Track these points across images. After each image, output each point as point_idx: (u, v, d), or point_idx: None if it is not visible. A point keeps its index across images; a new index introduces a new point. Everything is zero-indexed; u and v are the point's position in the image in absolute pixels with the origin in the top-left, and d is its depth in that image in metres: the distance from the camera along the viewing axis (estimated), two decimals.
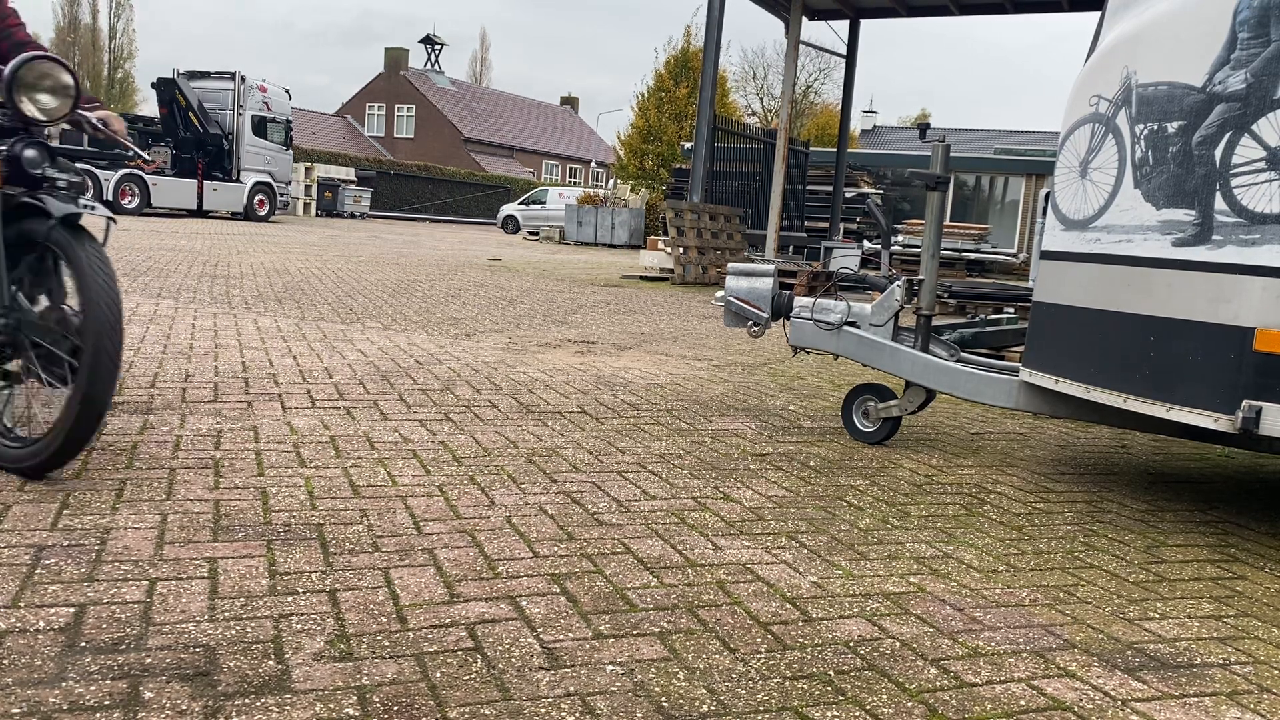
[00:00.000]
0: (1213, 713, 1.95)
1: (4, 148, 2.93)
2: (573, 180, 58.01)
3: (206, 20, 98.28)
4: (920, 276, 4.15)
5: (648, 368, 5.80)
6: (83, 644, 1.87)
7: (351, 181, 34.17)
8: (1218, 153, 3.03)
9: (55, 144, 3.09)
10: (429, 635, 2.02)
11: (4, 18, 3.28)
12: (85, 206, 2.87)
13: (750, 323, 4.35)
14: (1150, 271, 3.20)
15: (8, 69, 2.86)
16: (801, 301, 4.31)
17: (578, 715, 1.75)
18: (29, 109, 2.89)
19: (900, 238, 19.78)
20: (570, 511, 2.91)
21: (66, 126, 3.19)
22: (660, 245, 15.56)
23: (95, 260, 2.78)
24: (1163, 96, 3.21)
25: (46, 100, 2.92)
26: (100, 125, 3.10)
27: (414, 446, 3.51)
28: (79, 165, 3.03)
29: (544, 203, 34.10)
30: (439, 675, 1.85)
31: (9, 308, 2.90)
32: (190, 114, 23.23)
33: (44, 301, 2.98)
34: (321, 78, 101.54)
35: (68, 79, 2.95)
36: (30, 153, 2.89)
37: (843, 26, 17.03)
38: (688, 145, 20.04)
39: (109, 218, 2.94)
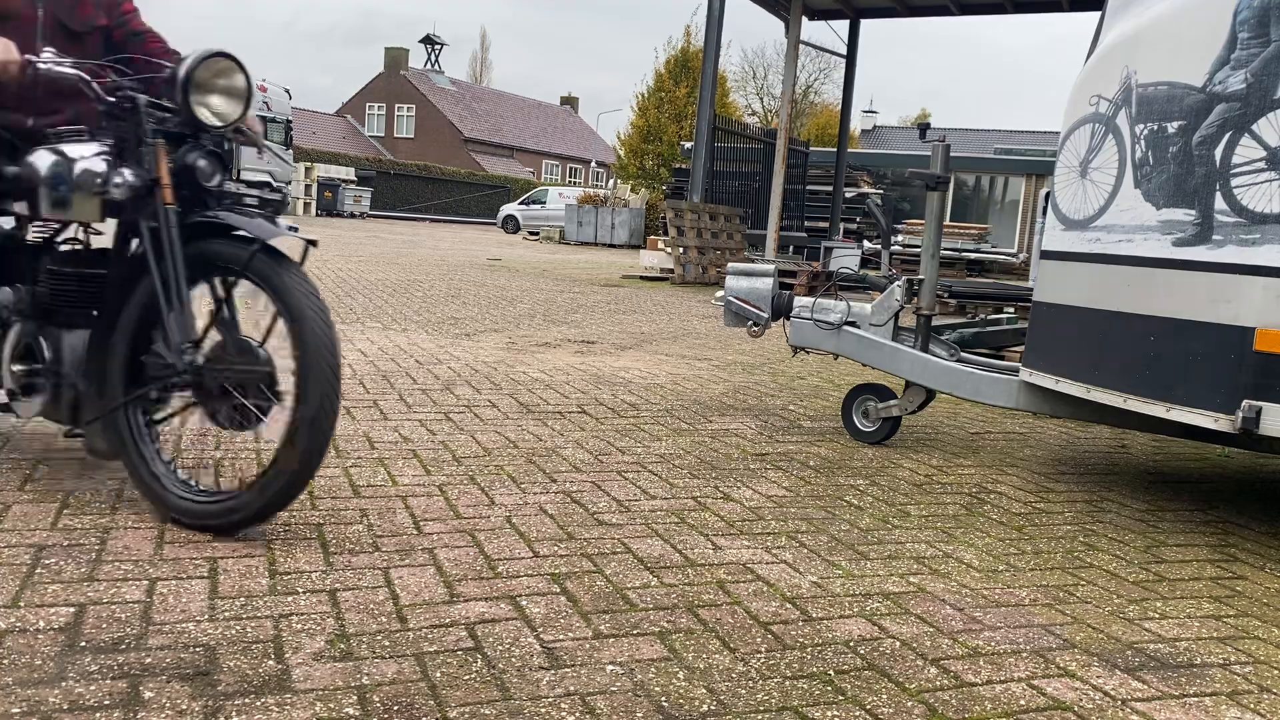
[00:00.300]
0: (1213, 713, 1.95)
1: (161, 155, 2.53)
2: (573, 180, 57.99)
3: (209, 21, 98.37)
4: (920, 276, 4.15)
5: (647, 368, 5.80)
6: (83, 644, 1.87)
7: (351, 181, 34.15)
8: (1218, 153, 3.03)
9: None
10: (429, 635, 2.02)
11: (118, 3, 2.97)
12: (289, 229, 2.49)
13: (750, 323, 4.35)
14: (1150, 271, 3.20)
15: (184, 67, 2.49)
16: (801, 301, 4.31)
17: (578, 715, 1.75)
18: (204, 114, 2.54)
19: (900, 237, 19.78)
20: (570, 511, 2.91)
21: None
22: (660, 245, 15.57)
23: (309, 297, 2.41)
24: (1163, 96, 3.21)
25: (218, 103, 2.58)
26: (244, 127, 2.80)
27: (414, 446, 3.51)
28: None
29: (544, 203, 34.09)
30: (439, 675, 1.85)
31: (196, 344, 2.51)
32: None
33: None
34: (325, 78, 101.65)
35: (243, 81, 2.60)
36: (204, 163, 2.54)
37: (843, 26, 17.02)
38: (688, 145, 20.04)
39: (309, 241, 2.51)
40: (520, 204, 35.40)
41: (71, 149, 2.61)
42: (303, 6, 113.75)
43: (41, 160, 2.61)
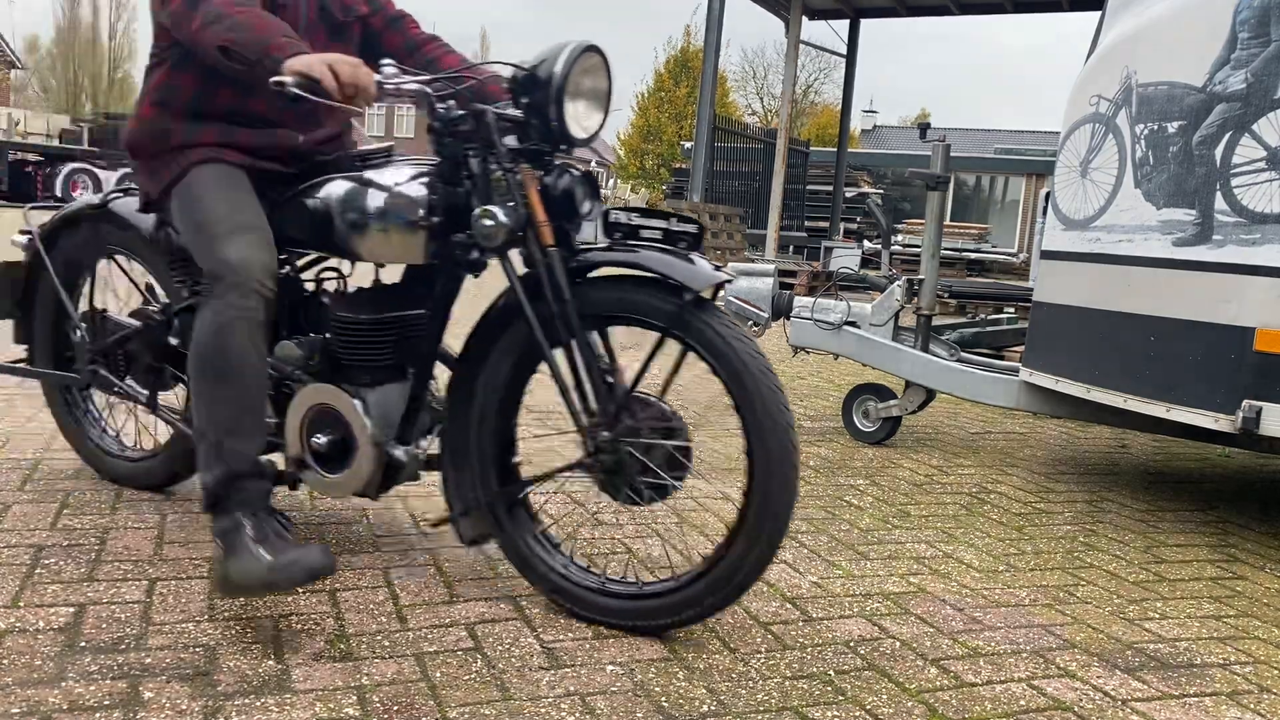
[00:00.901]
0: (1213, 713, 1.95)
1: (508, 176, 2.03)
2: None
3: None
4: (920, 276, 4.15)
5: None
6: (82, 644, 1.87)
7: None
8: (1218, 152, 3.03)
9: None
10: (429, 635, 2.02)
11: None
12: (714, 267, 1.98)
13: (750, 322, 4.35)
14: (1150, 271, 3.20)
15: (558, 66, 1.98)
16: (801, 301, 4.31)
17: (578, 715, 1.75)
18: (574, 128, 2.04)
19: (900, 237, 19.78)
20: (570, 511, 2.90)
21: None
22: None
23: (756, 358, 1.96)
24: (1163, 96, 3.21)
25: (583, 111, 2.07)
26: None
27: None
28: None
29: None
30: (439, 675, 1.85)
31: (611, 416, 2.04)
32: None
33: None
34: None
35: (606, 81, 2.10)
36: (580, 189, 2.06)
37: (843, 26, 17.01)
38: (688, 145, 20.04)
39: (726, 280, 2.01)
40: None
41: (382, 175, 2.18)
42: None
43: (345, 189, 2.19)
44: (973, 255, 20.66)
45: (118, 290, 2.85)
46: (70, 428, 2.87)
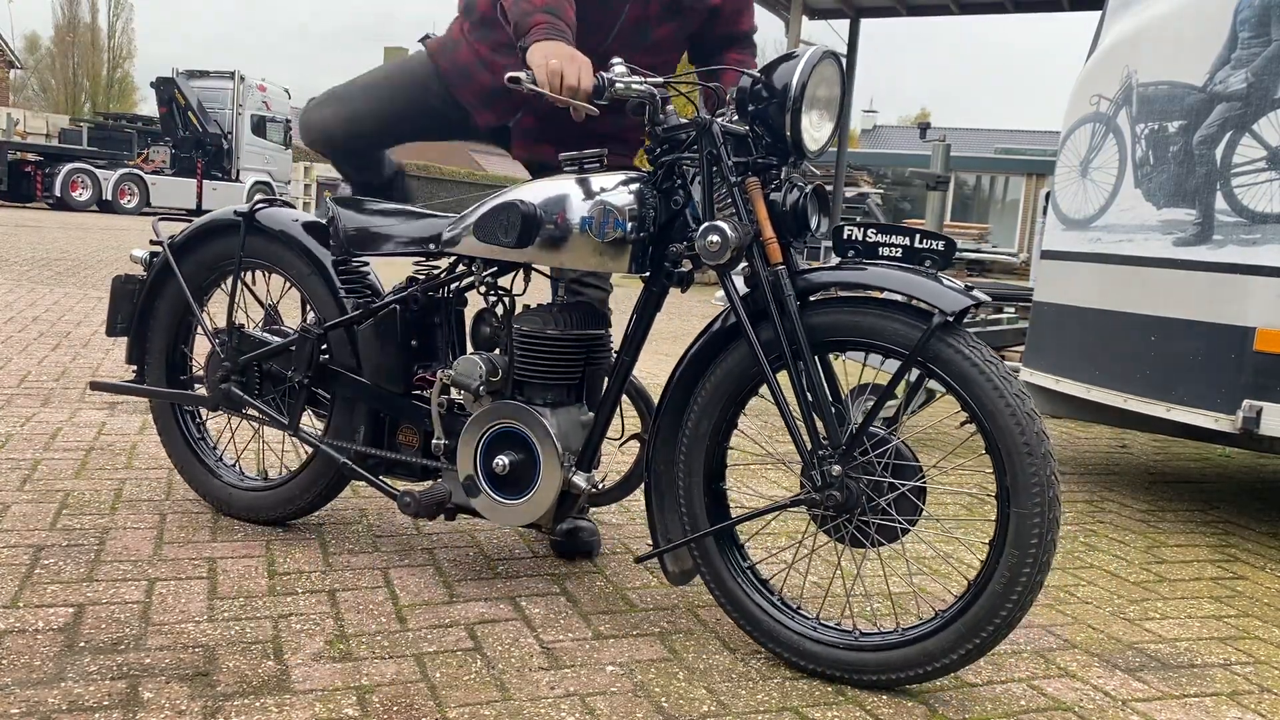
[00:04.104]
0: (1213, 713, 1.95)
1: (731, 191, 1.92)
2: None
3: (225, 22, 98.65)
4: None
5: (648, 367, 5.80)
6: (82, 644, 1.87)
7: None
8: (1218, 152, 3.03)
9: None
10: (429, 635, 2.02)
11: None
12: (965, 289, 1.84)
13: None
14: (1151, 271, 3.20)
15: (796, 75, 1.87)
16: None
17: (578, 715, 1.75)
18: (809, 139, 1.93)
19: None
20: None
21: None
22: None
23: (1018, 394, 1.82)
24: (1163, 96, 3.21)
25: (814, 120, 1.95)
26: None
27: None
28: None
29: None
30: (439, 675, 1.85)
31: (843, 449, 1.94)
32: (189, 113, 23.23)
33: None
34: (331, 78, 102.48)
35: (839, 91, 2.00)
36: (809, 205, 1.92)
37: (843, 26, 16.97)
38: None
39: (978, 303, 1.85)
40: None
41: (591, 180, 2.07)
42: (321, 8, 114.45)
43: (551, 192, 2.09)
44: (973, 255, 20.65)
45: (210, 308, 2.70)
46: (182, 453, 2.70)
